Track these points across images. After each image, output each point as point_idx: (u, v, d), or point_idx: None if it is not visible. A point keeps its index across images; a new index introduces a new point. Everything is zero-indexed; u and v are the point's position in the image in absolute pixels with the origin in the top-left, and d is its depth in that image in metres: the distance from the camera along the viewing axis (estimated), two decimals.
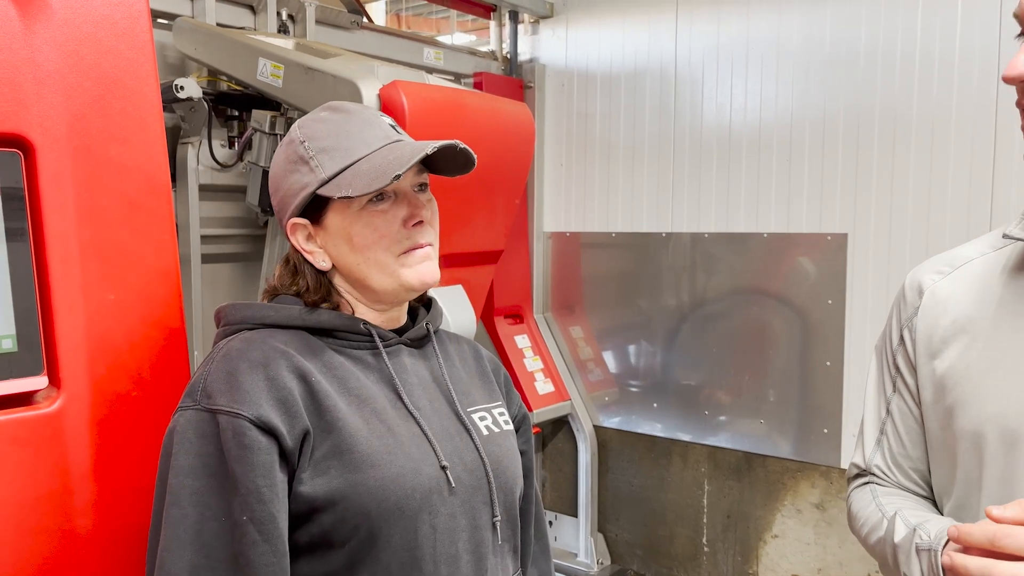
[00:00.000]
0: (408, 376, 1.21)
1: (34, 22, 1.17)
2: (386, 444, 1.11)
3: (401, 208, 1.16)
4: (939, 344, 1.09)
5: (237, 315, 1.20)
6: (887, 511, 1.10)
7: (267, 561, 1.03)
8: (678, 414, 3.35)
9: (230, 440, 1.03)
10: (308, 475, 1.07)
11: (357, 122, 1.19)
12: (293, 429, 1.06)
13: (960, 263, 1.13)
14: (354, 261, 1.17)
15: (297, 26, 2.82)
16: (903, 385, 1.15)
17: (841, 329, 2.89)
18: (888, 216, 2.77)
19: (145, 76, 1.30)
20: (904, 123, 2.71)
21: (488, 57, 3.64)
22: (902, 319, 1.16)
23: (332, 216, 1.16)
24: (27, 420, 1.15)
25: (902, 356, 1.15)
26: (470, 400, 1.26)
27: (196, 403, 1.07)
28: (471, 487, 1.17)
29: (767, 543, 3.16)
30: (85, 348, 1.21)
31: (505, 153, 2.59)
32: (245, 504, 1.02)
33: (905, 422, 1.15)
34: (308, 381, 1.10)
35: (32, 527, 1.16)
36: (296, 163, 1.18)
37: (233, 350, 1.11)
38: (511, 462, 1.25)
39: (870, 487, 1.18)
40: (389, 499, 1.08)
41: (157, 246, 1.32)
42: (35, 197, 1.16)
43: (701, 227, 3.21)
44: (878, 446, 1.18)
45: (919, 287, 1.15)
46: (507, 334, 3.48)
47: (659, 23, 3.28)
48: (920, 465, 1.15)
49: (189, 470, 1.04)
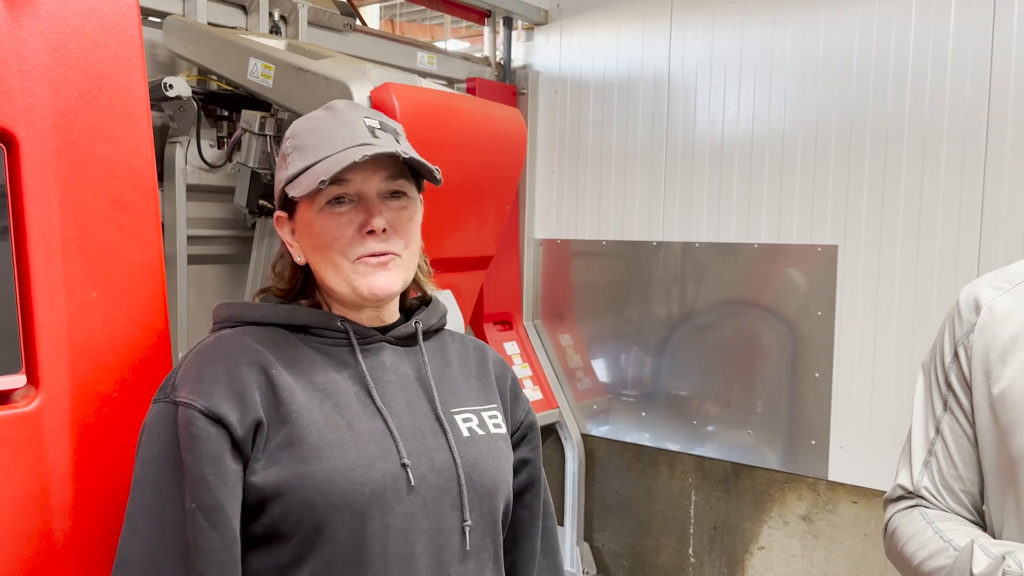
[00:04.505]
0: (385, 374, 1.20)
1: (20, 14, 1.15)
2: (340, 438, 1.11)
3: (360, 213, 1.16)
4: (997, 361, 1.06)
5: (222, 314, 1.24)
6: (953, 539, 1.06)
7: (215, 548, 1.05)
8: (666, 424, 3.33)
9: (183, 430, 1.06)
10: (260, 465, 1.08)
11: (335, 122, 1.19)
12: (244, 419, 1.08)
13: (1020, 279, 1.11)
14: (315, 259, 1.19)
15: (289, 27, 2.81)
16: (955, 404, 1.12)
17: (830, 341, 2.88)
18: (879, 228, 2.77)
19: (133, 71, 1.28)
20: (896, 135, 2.72)
21: (481, 63, 3.63)
22: (956, 336, 1.12)
23: (301, 212, 1.19)
24: (4, 419, 1.13)
25: (956, 374, 1.12)
26: (457, 401, 1.24)
27: (166, 396, 1.11)
28: (438, 488, 1.14)
29: (753, 555, 3.15)
30: (66, 347, 1.19)
31: (497, 158, 2.58)
32: (194, 492, 1.05)
33: (958, 443, 1.12)
34: (268, 373, 1.12)
35: (8, 529, 1.14)
36: (281, 159, 1.22)
37: (204, 347, 1.15)
38: (492, 466, 1.21)
39: (919, 510, 1.14)
40: (335, 492, 1.07)
41: (142, 244, 1.30)
42: (17, 192, 1.14)
43: (692, 236, 3.21)
44: (926, 468, 1.14)
45: (976, 303, 1.12)
46: (496, 341, 3.47)
47: (653, 31, 3.28)
48: (972, 488, 1.12)
49: (152, 460, 1.08)
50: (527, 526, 1.32)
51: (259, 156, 2.58)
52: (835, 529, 2.94)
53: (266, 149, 2.58)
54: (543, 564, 1.35)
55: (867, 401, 2.82)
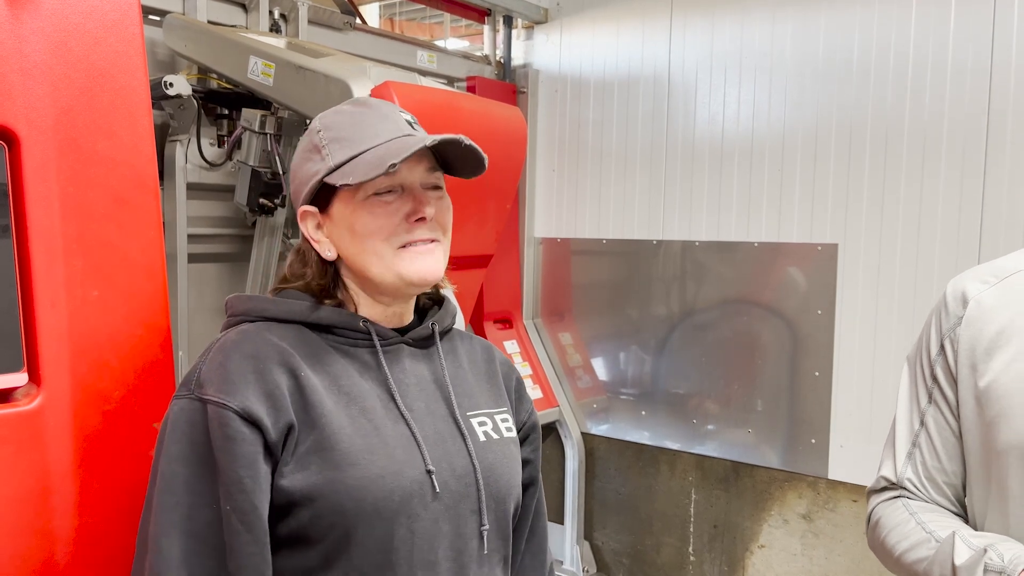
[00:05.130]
0: (405, 377, 1.19)
1: (21, 12, 1.15)
2: (369, 444, 1.10)
3: (406, 203, 1.16)
4: (983, 355, 1.06)
5: (240, 307, 1.21)
6: (935, 530, 1.06)
7: (250, 551, 1.04)
8: (666, 422, 3.33)
9: (216, 430, 1.05)
10: (290, 469, 1.07)
11: (373, 115, 1.19)
12: (278, 422, 1.07)
13: (1007, 273, 1.11)
14: (355, 250, 1.17)
15: (289, 25, 2.81)
16: (941, 397, 1.12)
17: (830, 339, 2.88)
18: (879, 227, 2.77)
19: (134, 69, 1.28)
20: (896, 134, 2.72)
21: (482, 61, 3.63)
22: (943, 328, 1.12)
23: (338, 205, 1.17)
24: (6, 417, 1.13)
25: (941, 367, 1.12)
26: (472, 404, 1.24)
27: (190, 392, 1.09)
28: (458, 493, 1.15)
29: (753, 553, 3.15)
30: (67, 345, 1.19)
31: (497, 157, 2.55)
32: (228, 494, 1.04)
33: (942, 435, 1.12)
34: (297, 376, 1.10)
35: (9, 527, 1.14)
36: (311, 152, 1.19)
37: (228, 342, 1.13)
38: (506, 470, 1.22)
39: (902, 501, 1.14)
40: (366, 499, 1.07)
41: (143, 243, 1.30)
42: (19, 190, 1.14)
43: (692, 235, 3.21)
44: (910, 459, 1.15)
45: (963, 296, 1.11)
46: (496, 339, 3.47)
47: (653, 30, 3.28)
48: (955, 480, 1.12)
49: (180, 457, 1.06)
50: (519, 524, 1.32)
51: (259, 154, 2.58)
52: (835, 528, 2.94)
53: (266, 147, 2.58)
54: (530, 562, 1.35)
55: (867, 400, 2.82)
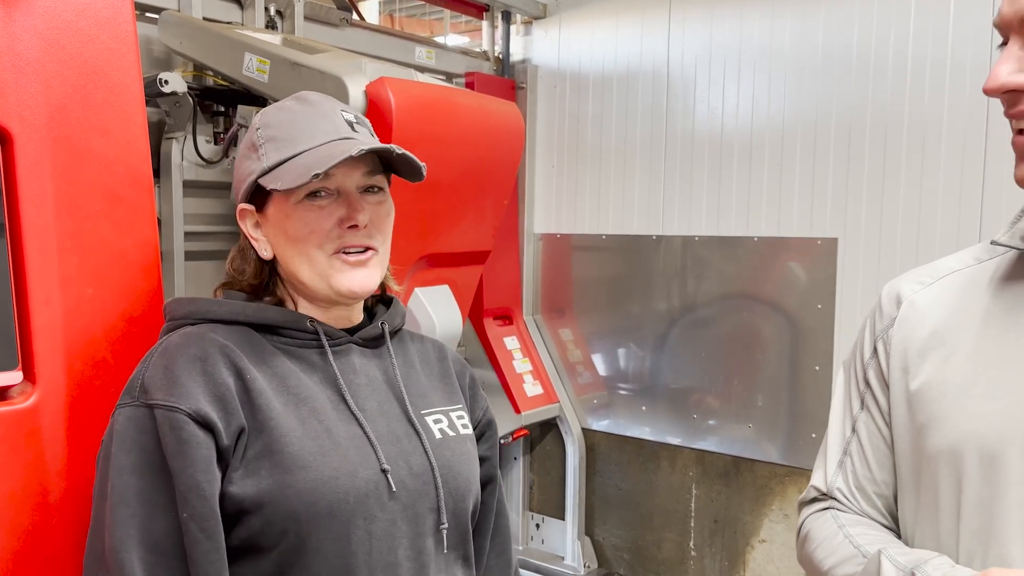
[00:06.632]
0: (356, 377, 1.17)
1: (14, 9, 1.14)
2: (320, 445, 1.07)
3: (340, 207, 1.13)
4: (915, 357, 1.01)
5: (181, 310, 1.17)
6: (862, 545, 1.00)
7: (212, 559, 1.01)
8: (667, 418, 3.33)
9: (168, 435, 1.01)
10: (239, 475, 1.04)
11: (313, 114, 1.16)
12: (229, 426, 1.04)
13: (943, 273, 1.06)
14: (288, 253, 1.14)
15: (285, 22, 2.79)
16: (872, 402, 1.06)
17: (830, 334, 2.88)
18: (878, 221, 2.76)
19: (128, 67, 1.28)
20: (895, 128, 2.71)
21: (480, 57, 3.62)
22: (876, 330, 1.08)
23: (273, 206, 1.14)
24: (0, 415, 1.13)
25: (874, 370, 1.06)
26: (425, 402, 1.22)
27: (134, 399, 1.05)
28: (416, 492, 1.13)
29: (754, 548, 3.15)
30: (62, 343, 1.19)
31: (494, 152, 2.57)
32: (185, 501, 1.00)
33: (873, 443, 1.06)
34: (244, 378, 1.07)
35: (5, 524, 1.13)
36: (250, 149, 1.17)
37: (172, 345, 1.09)
38: (464, 468, 1.20)
39: (831, 512, 1.07)
40: (319, 503, 1.04)
41: (138, 240, 1.30)
42: (12, 187, 1.14)
43: (692, 230, 3.20)
44: (840, 468, 1.08)
45: (897, 297, 1.07)
46: (496, 335, 3.46)
47: (652, 25, 3.27)
48: (886, 491, 1.06)
49: (131, 467, 1.02)
50: (481, 523, 1.29)
51: None
52: None
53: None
54: (495, 562, 1.32)
55: None
